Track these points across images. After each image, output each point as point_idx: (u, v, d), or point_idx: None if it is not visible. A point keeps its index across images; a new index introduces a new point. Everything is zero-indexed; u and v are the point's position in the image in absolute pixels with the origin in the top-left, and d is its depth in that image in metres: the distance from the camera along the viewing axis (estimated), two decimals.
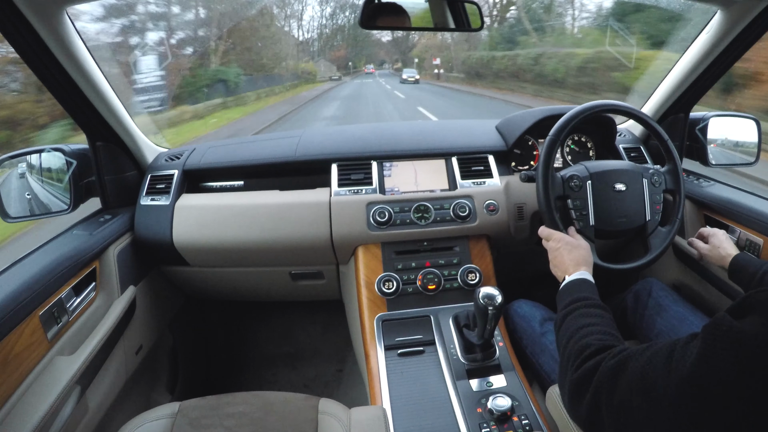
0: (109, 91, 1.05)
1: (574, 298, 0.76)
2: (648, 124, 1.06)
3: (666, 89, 1.26)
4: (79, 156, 1.11)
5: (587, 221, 0.99)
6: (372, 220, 1.15)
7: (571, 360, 0.65)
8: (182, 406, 0.81)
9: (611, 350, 0.60)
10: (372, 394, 0.93)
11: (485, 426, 0.83)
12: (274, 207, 1.17)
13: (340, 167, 1.23)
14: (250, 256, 1.21)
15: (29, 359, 0.79)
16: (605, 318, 0.71)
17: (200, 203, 1.20)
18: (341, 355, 1.69)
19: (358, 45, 53.55)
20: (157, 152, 1.33)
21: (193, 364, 1.53)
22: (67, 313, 0.90)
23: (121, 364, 1.07)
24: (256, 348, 1.76)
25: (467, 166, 1.25)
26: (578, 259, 0.86)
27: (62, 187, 1.10)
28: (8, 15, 0.77)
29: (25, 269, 0.85)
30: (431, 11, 1.05)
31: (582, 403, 0.59)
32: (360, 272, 1.14)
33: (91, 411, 0.93)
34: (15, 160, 1.09)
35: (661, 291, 1.03)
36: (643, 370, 0.52)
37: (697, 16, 1.12)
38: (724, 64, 1.12)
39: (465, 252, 1.18)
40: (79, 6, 0.89)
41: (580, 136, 1.37)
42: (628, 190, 1.01)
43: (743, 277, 0.93)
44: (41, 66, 0.91)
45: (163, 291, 1.33)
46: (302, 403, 0.82)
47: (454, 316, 1.06)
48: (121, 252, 1.11)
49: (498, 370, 0.95)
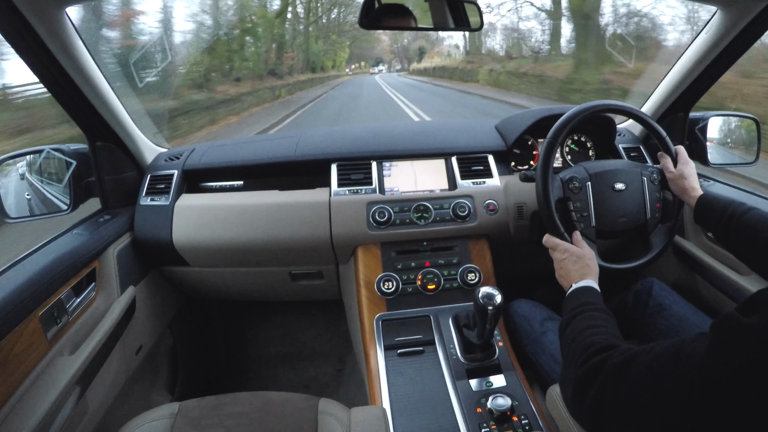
0: (109, 91, 1.05)
1: (580, 303, 0.77)
2: (648, 123, 1.06)
3: (665, 89, 1.26)
4: (79, 156, 1.11)
5: (588, 222, 0.99)
6: (372, 220, 1.15)
7: (576, 356, 0.65)
8: (182, 407, 0.81)
9: (617, 348, 0.60)
10: (372, 394, 0.93)
11: (485, 426, 0.83)
12: (273, 207, 1.17)
13: (340, 167, 1.23)
14: (250, 256, 1.21)
15: (29, 359, 0.79)
16: (610, 321, 0.72)
17: (200, 203, 1.20)
18: (341, 355, 1.69)
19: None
20: (157, 152, 1.33)
21: (193, 364, 1.53)
22: (67, 313, 0.90)
23: (121, 364, 1.07)
24: (256, 348, 1.76)
25: (467, 166, 1.25)
26: (584, 270, 0.87)
27: (62, 187, 1.10)
28: (8, 15, 0.77)
29: (24, 269, 0.85)
30: (431, 11, 1.05)
31: (585, 399, 0.60)
32: (360, 272, 1.14)
33: (91, 411, 0.93)
34: (15, 161, 1.09)
35: (662, 291, 1.03)
36: (650, 367, 0.53)
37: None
38: (724, 63, 1.12)
39: (465, 252, 1.18)
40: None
41: (580, 136, 1.37)
42: (628, 189, 1.01)
43: (709, 219, 0.92)
44: (41, 66, 0.91)
45: (163, 291, 1.33)
46: (302, 403, 0.82)
47: (453, 316, 1.06)
48: (121, 252, 1.11)
49: (498, 370, 0.95)
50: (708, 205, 0.92)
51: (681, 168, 1.00)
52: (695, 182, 0.98)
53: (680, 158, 1.02)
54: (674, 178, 1.00)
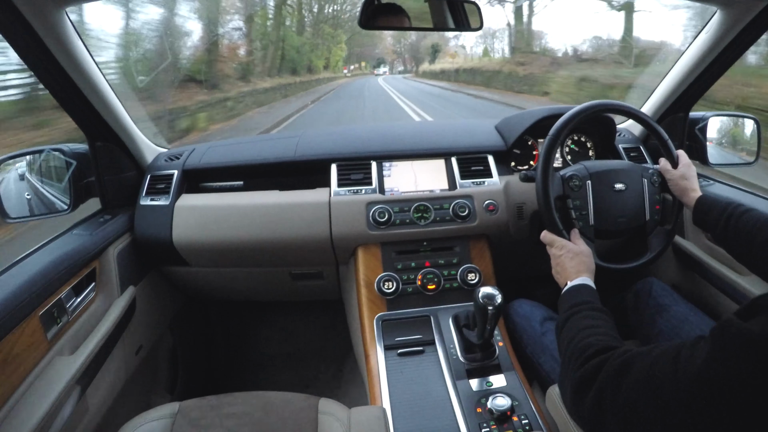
0: (109, 91, 1.05)
1: (576, 302, 0.77)
2: (648, 123, 1.06)
3: (665, 89, 1.26)
4: (79, 156, 1.11)
5: (587, 221, 0.99)
6: (372, 220, 1.15)
7: (574, 359, 0.65)
8: (182, 406, 0.81)
9: (615, 350, 0.60)
10: (372, 394, 0.93)
11: (485, 426, 0.83)
12: (273, 207, 1.17)
13: (340, 167, 1.23)
14: (250, 256, 1.21)
15: (29, 359, 0.79)
16: (607, 321, 0.72)
17: (200, 203, 1.20)
18: (341, 355, 1.69)
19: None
20: (157, 152, 1.33)
21: (193, 364, 1.53)
22: (67, 313, 0.90)
23: (121, 364, 1.07)
24: (256, 348, 1.76)
25: (467, 166, 1.25)
26: (580, 266, 0.87)
27: (62, 187, 1.10)
28: (7, 15, 0.77)
29: (24, 269, 0.85)
30: (431, 11, 1.05)
31: (584, 401, 0.59)
32: (360, 272, 1.14)
33: (91, 411, 0.93)
34: (15, 161, 1.09)
35: (662, 290, 1.03)
36: (649, 370, 0.52)
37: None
38: (724, 63, 1.12)
39: (465, 252, 1.18)
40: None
41: (580, 136, 1.37)
42: (628, 190, 1.01)
43: (707, 222, 0.92)
44: (40, 66, 0.91)
45: (163, 291, 1.33)
46: (302, 403, 0.82)
47: (453, 316, 1.06)
48: (121, 252, 1.11)
49: (498, 370, 0.95)
50: (706, 208, 0.92)
51: (681, 170, 1.00)
52: (695, 184, 0.98)
53: (681, 161, 1.02)
54: (674, 179, 1.00)
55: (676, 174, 1.00)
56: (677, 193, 1.00)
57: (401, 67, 52.97)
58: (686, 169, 1.00)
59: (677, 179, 1.00)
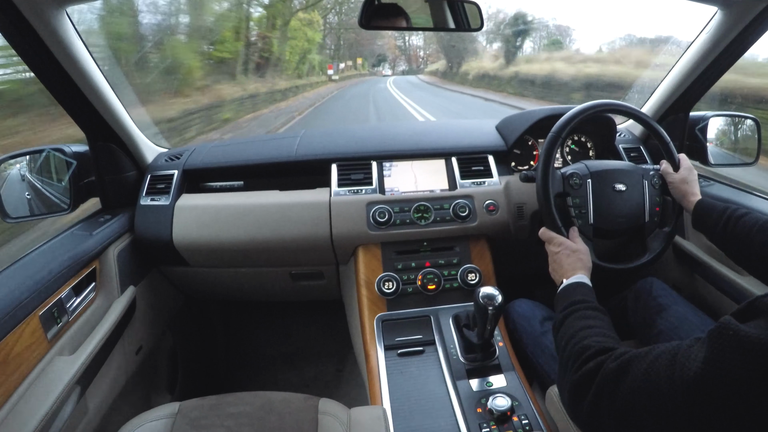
0: (109, 91, 1.05)
1: (572, 301, 0.76)
2: (648, 124, 1.06)
3: (666, 89, 1.26)
4: (79, 156, 1.11)
5: (586, 220, 0.99)
6: (372, 220, 1.15)
7: (571, 361, 0.64)
8: (182, 406, 0.81)
9: (612, 352, 0.60)
10: (372, 394, 0.93)
11: (485, 426, 0.83)
12: (274, 207, 1.17)
13: (340, 167, 1.23)
14: (250, 256, 1.21)
15: (29, 359, 0.79)
16: (604, 320, 0.72)
17: (200, 203, 1.20)
18: (341, 355, 1.69)
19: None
20: (157, 152, 1.33)
21: (193, 364, 1.53)
22: (67, 313, 0.90)
23: (120, 364, 1.07)
24: (256, 348, 1.76)
25: (467, 166, 1.25)
26: (576, 264, 0.87)
27: (62, 187, 1.10)
28: (8, 15, 0.77)
29: (25, 269, 0.85)
30: (431, 11, 1.05)
31: (582, 404, 0.59)
32: (360, 272, 1.14)
33: (91, 411, 0.93)
34: (15, 161, 1.09)
35: (662, 290, 1.03)
36: (646, 373, 0.52)
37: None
38: (724, 63, 1.12)
39: (465, 252, 1.18)
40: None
41: (580, 136, 1.37)
42: (628, 190, 1.01)
43: (707, 224, 0.92)
44: (41, 66, 0.91)
45: (163, 291, 1.33)
46: (302, 403, 0.82)
47: (454, 316, 1.06)
48: (121, 252, 1.11)
49: (498, 370, 0.95)
50: (705, 211, 0.93)
51: (683, 173, 1.01)
52: (696, 188, 0.99)
53: (682, 164, 1.02)
54: (675, 183, 1.01)
55: (677, 177, 1.01)
56: (678, 196, 1.01)
57: (404, 66, 47.29)
58: (687, 172, 1.01)
59: (678, 183, 1.00)
